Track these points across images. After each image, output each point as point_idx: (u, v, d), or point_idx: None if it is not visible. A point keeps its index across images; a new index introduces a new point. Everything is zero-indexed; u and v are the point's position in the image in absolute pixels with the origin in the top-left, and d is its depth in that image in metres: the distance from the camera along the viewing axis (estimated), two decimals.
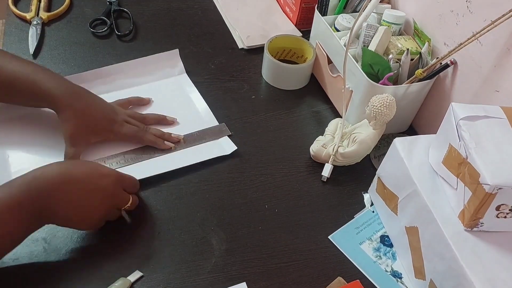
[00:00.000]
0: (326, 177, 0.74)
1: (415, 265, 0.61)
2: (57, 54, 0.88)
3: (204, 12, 1.04)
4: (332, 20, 0.87)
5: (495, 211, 0.52)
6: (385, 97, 0.69)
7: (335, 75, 0.84)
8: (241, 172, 0.74)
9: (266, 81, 0.91)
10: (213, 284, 0.60)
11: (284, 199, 0.71)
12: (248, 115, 0.83)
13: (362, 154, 0.74)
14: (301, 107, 0.87)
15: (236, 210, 0.69)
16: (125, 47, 0.93)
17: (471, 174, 0.51)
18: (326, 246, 0.66)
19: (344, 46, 0.79)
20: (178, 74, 0.88)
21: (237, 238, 0.66)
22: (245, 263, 0.63)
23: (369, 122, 0.73)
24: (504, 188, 0.49)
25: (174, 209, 0.68)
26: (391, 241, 0.68)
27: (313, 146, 0.77)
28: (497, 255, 0.53)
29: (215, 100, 0.84)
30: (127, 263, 0.61)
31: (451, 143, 0.56)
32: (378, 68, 0.76)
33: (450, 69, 0.74)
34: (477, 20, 0.67)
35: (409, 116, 0.83)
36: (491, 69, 0.67)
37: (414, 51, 0.78)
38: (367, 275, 0.64)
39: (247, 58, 0.95)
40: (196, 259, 0.63)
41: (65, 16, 0.97)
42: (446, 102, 0.78)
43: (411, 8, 0.84)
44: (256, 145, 0.78)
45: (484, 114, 0.55)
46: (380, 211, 0.70)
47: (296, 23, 1.02)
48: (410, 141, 0.64)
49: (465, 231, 0.55)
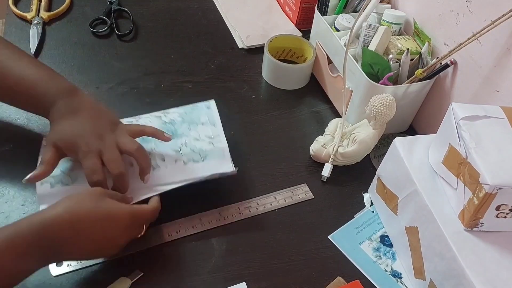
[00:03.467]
0: (326, 177, 0.74)
1: (415, 265, 0.61)
2: (57, 53, 0.88)
3: (204, 12, 1.04)
4: (332, 20, 0.87)
5: (495, 211, 0.52)
6: (385, 97, 0.69)
7: (335, 75, 0.84)
8: (241, 172, 0.74)
9: (266, 81, 0.91)
10: (213, 284, 0.60)
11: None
12: (248, 115, 0.83)
13: (362, 154, 0.74)
14: (301, 107, 0.87)
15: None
16: (125, 46, 0.93)
17: (471, 174, 0.51)
18: (326, 246, 0.66)
19: (344, 46, 0.79)
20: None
21: (237, 238, 0.66)
22: (245, 263, 0.63)
23: (369, 122, 0.73)
24: (504, 188, 0.49)
25: (174, 209, 0.67)
26: (391, 241, 0.68)
27: (313, 146, 0.77)
28: (497, 255, 0.53)
29: (215, 100, 0.84)
30: (127, 262, 0.61)
31: (451, 143, 0.56)
32: (378, 68, 0.76)
33: (450, 69, 0.74)
34: (477, 20, 0.67)
35: (409, 116, 0.84)
36: (491, 69, 0.67)
37: (414, 51, 0.78)
38: (367, 275, 0.64)
39: (247, 58, 0.95)
40: (196, 259, 0.63)
41: (66, 15, 0.97)
42: (446, 102, 0.78)
43: (411, 8, 0.84)
44: (256, 145, 0.78)
45: (484, 114, 0.55)
46: (380, 211, 0.70)
47: (296, 23, 1.02)
48: (410, 141, 0.64)
49: (465, 231, 0.55)
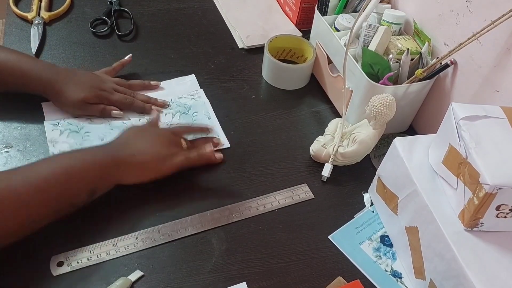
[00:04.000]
0: (326, 177, 0.74)
1: (415, 265, 0.61)
2: (57, 53, 0.88)
3: (204, 12, 1.04)
4: (332, 20, 0.87)
5: (495, 211, 0.52)
6: (385, 97, 0.69)
7: (335, 75, 0.84)
8: (241, 172, 0.74)
9: (266, 81, 0.91)
10: (213, 284, 0.60)
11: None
12: (248, 115, 0.83)
13: (362, 154, 0.74)
14: (301, 107, 0.87)
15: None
16: (126, 47, 0.93)
17: (471, 174, 0.51)
18: (326, 246, 0.66)
19: (344, 46, 0.79)
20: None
21: (237, 238, 0.66)
22: (245, 263, 0.63)
23: (369, 122, 0.73)
24: (504, 188, 0.49)
25: (174, 208, 0.68)
26: (391, 241, 0.68)
27: (313, 146, 0.77)
28: (497, 255, 0.53)
29: (215, 100, 0.84)
30: (127, 262, 0.61)
31: (451, 143, 0.56)
32: (378, 68, 0.76)
33: (450, 69, 0.74)
34: (477, 20, 0.67)
35: (409, 116, 0.83)
36: (491, 69, 0.67)
37: (414, 51, 0.78)
38: (367, 275, 0.64)
39: (247, 58, 0.95)
40: (196, 259, 0.63)
41: (66, 15, 0.97)
42: (446, 102, 0.78)
43: (411, 8, 0.84)
44: (256, 145, 0.78)
45: (484, 114, 0.55)
46: (380, 211, 0.70)
47: (296, 23, 1.02)
48: (410, 141, 0.64)
49: (465, 231, 0.55)
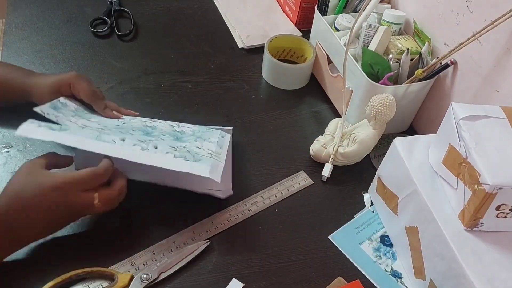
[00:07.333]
0: (326, 177, 0.74)
1: (415, 265, 0.61)
2: (57, 53, 0.88)
3: (204, 12, 1.04)
4: (332, 20, 0.87)
5: (495, 211, 0.52)
6: (385, 97, 0.69)
7: (335, 75, 0.84)
8: (241, 172, 0.74)
9: (266, 81, 0.91)
10: (213, 284, 0.60)
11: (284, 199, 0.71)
12: (248, 115, 0.83)
13: (362, 154, 0.74)
14: (301, 107, 0.87)
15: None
16: (126, 47, 0.93)
17: (471, 174, 0.51)
18: (326, 246, 0.66)
19: (344, 46, 0.79)
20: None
21: (237, 238, 0.66)
22: (245, 263, 0.63)
23: (369, 122, 0.73)
24: (504, 188, 0.49)
25: (175, 208, 0.68)
26: (391, 241, 0.68)
27: (313, 146, 0.77)
28: (497, 255, 0.53)
29: (215, 100, 0.84)
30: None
31: (451, 143, 0.56)
32: (378, 68, 0.76)
33: (450, 69, 0.74)
34: (477, 20, 0.67)
35: (409, 116, 0.84)
36: (491, 69, 0.67)
37: (414, 51, 0.78)
38: (367, 275, 0.64)
39: (247, 58, 0.95)
40: (196, 259, 0.62)
41: (66, 15, 0.97)
42: (446, 102, 0.78)
43: (411, 8, 0.84)
44: (256, 145, 0.78)
45: (484, 114, 0.55)
46: (380, 211, 0.70)
47: (296, 23, 1.02)
48: (410, 141, 0.64)
49: (465, 231, 0.55)
